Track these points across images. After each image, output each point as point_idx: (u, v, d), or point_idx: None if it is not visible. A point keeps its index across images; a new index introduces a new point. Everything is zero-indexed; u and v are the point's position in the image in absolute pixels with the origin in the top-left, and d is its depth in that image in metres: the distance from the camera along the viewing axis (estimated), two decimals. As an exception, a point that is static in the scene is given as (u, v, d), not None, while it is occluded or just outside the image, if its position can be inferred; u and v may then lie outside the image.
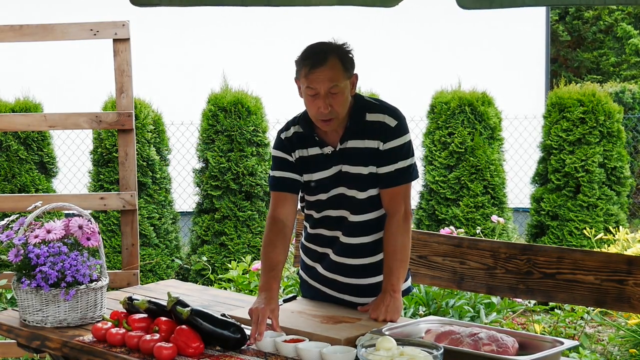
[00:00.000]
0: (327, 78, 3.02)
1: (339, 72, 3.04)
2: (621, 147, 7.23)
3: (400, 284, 3.14)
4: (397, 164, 3.15)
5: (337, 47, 3.10)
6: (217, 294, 3.70)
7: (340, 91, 3.05)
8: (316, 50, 3.08)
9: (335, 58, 3.05)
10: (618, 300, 3.24)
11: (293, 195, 3.24)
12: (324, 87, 3.03)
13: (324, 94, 3.03)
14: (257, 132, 7.12)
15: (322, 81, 3.03)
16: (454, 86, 7.53)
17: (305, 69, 3.05)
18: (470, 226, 7.05)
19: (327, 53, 3.05)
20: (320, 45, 3.11)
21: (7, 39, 4.81)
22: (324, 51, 3.06)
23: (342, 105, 3.07)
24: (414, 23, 11.22)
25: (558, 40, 18.54)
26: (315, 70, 3.03)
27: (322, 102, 3.04)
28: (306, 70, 3.05)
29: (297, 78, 3.11)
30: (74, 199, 4.76)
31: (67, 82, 10.48)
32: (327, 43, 3.11)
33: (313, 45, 3.12)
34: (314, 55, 3.05)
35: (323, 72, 3.02)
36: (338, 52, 3.07)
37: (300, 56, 3.10)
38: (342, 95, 3.06)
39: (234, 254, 6.93)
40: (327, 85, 3.03)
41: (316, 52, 3.06)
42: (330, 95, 3.04)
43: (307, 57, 3.07)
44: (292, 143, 3.23)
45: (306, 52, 3.10)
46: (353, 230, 3.23)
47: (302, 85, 3.09)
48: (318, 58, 3.04)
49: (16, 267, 3.18)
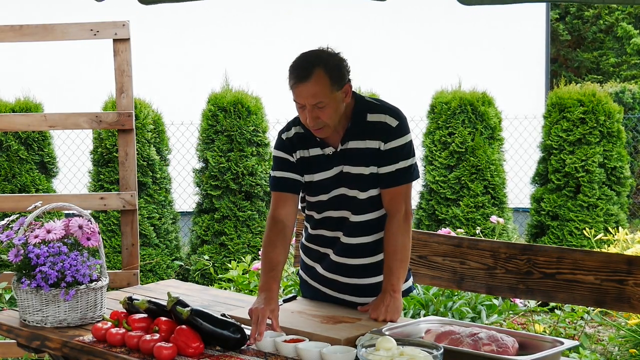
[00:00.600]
0: (310, 94, 2.97)
1: (325, 87, 2.98)
2: (621, 147, 7.23)
3: (400, 284, 3.14)
4: (398, 164, 3.15)
5: (326, 58, 3.02)
6: (217, 294, 3.70)
7: (327, 105, 3.00)
8: (303, 63, 3.00)
9: (321, 72, 2.97)
10: (618, 300, 3.24)
11: (294, 195, 3.23)
12: (308, 102, 2.99)
13: (309, 108, 3.00)
14: (257, 132, 7.12)
15: (306, 97, 2.98)
16: (454, 86, 7.53)
17: (291, 82, 3.01)
18: (470, 226, 7.05)
19: (312, 67, 2.97)
20: (308, 57, 3.03)
21: (7, 39, 4.81)
22: (310, 65, 2.98)
23: (330, 117, 3.03)
24: (414, 23, 11.23)
25: (558, 40, 18.55)
26: (299, 85, 2.98)
27: (309, 115, 3.01)
28: (292, 83, 3.01)
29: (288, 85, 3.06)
30: (74, 199, 4.76)
31: (67, 82, 10.48)
32: (316, 54, 3.04)
33: (302, 57, 3.05)
34: (299, 69, 2.99)
35: (307, 88, 2.97)
36: (326, 65, 2.99)
37: (290, 66, 3.04)
38: (329, 108, 3.01)
39: (234, 254, 6.93)
40: (311, 101, 2.98)
41: (302, 65, 2.99)
42: (317, 109, 3.00)
43: (293, 70, 3.01)
44: (293, 143, 3.22)
45: (294, 63, 3.03)
46: (354, 231, 3.23)
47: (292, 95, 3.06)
48: (303, 72, 2.97)
49: (16, 267, 3.18)
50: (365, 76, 7.34)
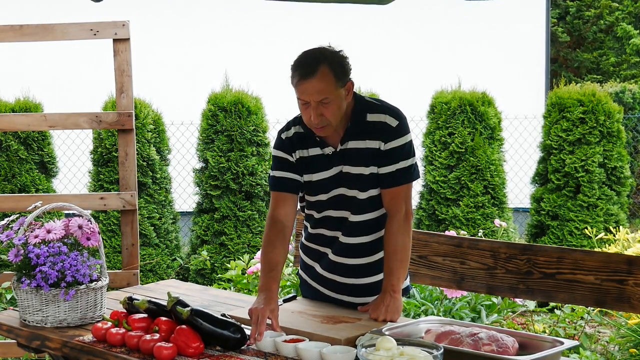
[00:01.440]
0: (316, 90, 2.98)
1: (330, 84, 2.99)
2: (621, 147, 7.23)
3: (400, 284, 3.14)
4: (399, 164, 3.14)
5: (330, 55, 3.03)
6: (217, 294, 3.70)
7: (332, 101, 3.01)
8: (307, 60, 3.02)
9: (326, 68, 2.98)
10: (618, 300, 3.24)
11: (293, 195, 3.23)
12: (314, 99, 2.99)
13: (314, 105, 3.00)
14: (257, 132, 7.12)
15: (312, 93, 2.98)
16: (454, 86, 7.53)
17: (295, 79, 3.01)
18: (470, 226, 7.05)
19: (317, 64, 2.98)
20: (312, 54, 3.04)
21: (7, 39, 4.81)
22: (315, 62, 2.99)
23: (334, 114, 3.03)
24: (414, 23, 11.22)
25: (558, 40, 18.54)
26: (304, 82, 2.98)
27: (313, 112, 3.01)
28: (296, 81, 3.01)
29: (291, 83, 3.07)
30: (74, 199, 4.76)
31: (67, 82, 10.48)
32: (320, 51, 3.05)
33: (305, 54, 3.06)
34: (304, 66, 3.00)
35: (312, 84, 2.98)
36: (330, 62, 3.00)
37: (293, 63, 3.05)
38: (333, 105, 3.02)
39: (233, 254, 6.93)
40: (316, 98, 2.99)
41: (307, 62, 3.01)
42: (322, 106, 3.00)
43: (297, 67, 3.02)
44: (293, 143, 3.21)
45: (298, 60, 3.04)
46: (352, 230, 3.23)
47: (295, 93, 3.05)
48: (308, 69, 2.98)
49: (16, 267, 3.18)
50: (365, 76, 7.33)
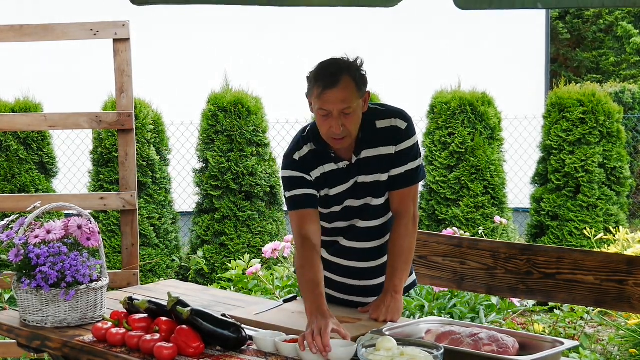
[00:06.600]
0: (339, 100, 2.95)
1: (352, 93, 2.96)
2: (621, 147, 7.23)
3: (402, 285, 3.15)
4: (407, 165, 3.14)
5: (349, 65, 3.00)
6: (217, 294, 3.70)
7: (353, 111, 2.98)
8: (330, 70, 2.98)
9: (348, 78, 2.96)
10: (618, 300, 3.25)
11: (315, 210, 3.14)
12: (336, 109, 2.95)
13: (336, 115, 2.96)
14: (257, 132, 7.12)
15: (335, 103, 2.95)
16: (454, 86, 7.53)
17: (318, 90, 2.96)
18: (470, 226, 7.05)
19: (340, 73, 2.96)
20: (333, 64, 3.01)
21: (7, 39, 4.81)
22: (338, 71, 2.96)
23: (354, 124, 3.01)
24: (414, 23, 11.22)
25: (558, 39, 18.55)
26: (327, 92, 2.94)
27: (335, 123, 2.97)
28: (318, 91, 2.96)
29: (309, 95, 3.03)
30: (74, 199, 4.76)
31: (67, 82, 10.47)
32: (340, 61, 3.02)
33: (326, 64, 3.02)
34: (327, 76, 2.96)
35: (335, 94, 2.94)
36: (350, 72, 2.98)
37: (313, 74, 3.01)
38: (355, 115, 2.99)
39: (233, 254, 6.93)
40: (339, 107, 2.95)
41: (330, 72, 2.97)
42: (343, 116, 2.97)
43: (319, 78, 2.97)
44: (309, 161, 3.14)
45: (319, 71, 3.00)
46: (358, 235, 3.22)
47: (314, 105, 3.01)
48: (331, 79, 2.95)
49: (16, 267, 3.18)
50: (365, 76, 7.32)
